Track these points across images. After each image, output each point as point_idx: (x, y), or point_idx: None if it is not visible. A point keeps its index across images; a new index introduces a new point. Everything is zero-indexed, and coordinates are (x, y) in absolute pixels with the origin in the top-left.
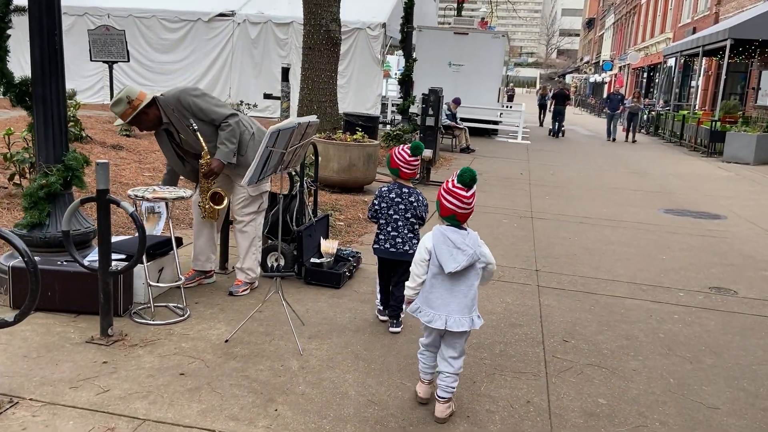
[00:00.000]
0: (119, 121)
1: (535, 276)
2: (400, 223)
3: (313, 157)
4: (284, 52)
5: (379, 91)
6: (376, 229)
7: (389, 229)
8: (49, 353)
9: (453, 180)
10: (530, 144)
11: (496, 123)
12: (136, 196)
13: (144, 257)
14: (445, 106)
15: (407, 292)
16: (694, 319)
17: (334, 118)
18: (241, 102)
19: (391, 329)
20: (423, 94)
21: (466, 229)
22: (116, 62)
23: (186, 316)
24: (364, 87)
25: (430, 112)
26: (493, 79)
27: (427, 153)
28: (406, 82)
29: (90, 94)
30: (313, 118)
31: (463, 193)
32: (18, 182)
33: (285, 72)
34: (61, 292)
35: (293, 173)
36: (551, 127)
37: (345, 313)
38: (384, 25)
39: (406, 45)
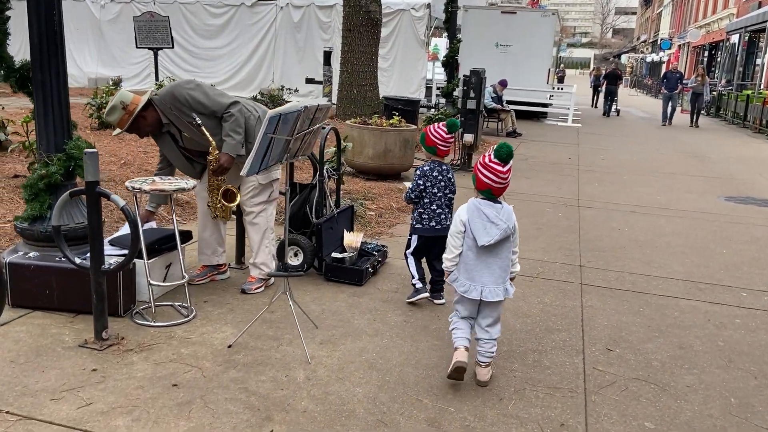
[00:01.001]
0: (118, 131)
1: (579, 272)
2: (442, 200)
3: (347, 144)
4: (327, 36)
5: (423, 74)
6: (418, 209)
7: (434, 207)
8: (38, 358)
9: (490, 155)
10: (581, 127)
11: (545, 105)
12: (133, 187)
13: (144, 253)
14: (490, 89)
15: (445, 264)
16: (759, 324)
17: (375, 102)
18: (282, 87)
19: (436, 301)
20: (464, 75)
21: (500, 203)
22: (161, 48)
23: (191, 316)
24: (408, 70)
25: (472, 94)
26: (543, 60)
27: (468, 137)
28: (450, 64)
29: (137, 81)
30: (323, 101)
31: (500, 168)
32: None
33: (327, 56)
34: (59, 290)
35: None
36: (604, 107)
37: (364, 315)
38: (428, 6)
39: (450, 25)
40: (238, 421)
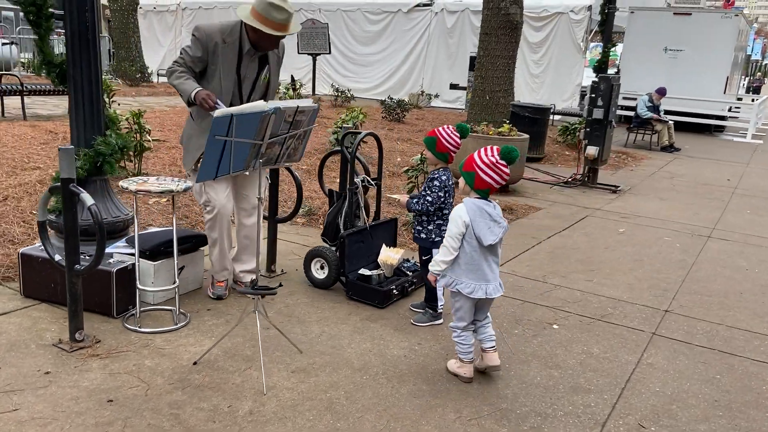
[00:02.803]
0: (255, 22)
1: (659, 319)
2: None
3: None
4: None
5: (578, 80)
6: (435, 221)
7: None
8: (7, 354)
9: (496, 156)
10: (762, 144)
11: (722, 118)
12: (121, 186)
13: (137, 256)
14: (645, 97)
15: (437, 268)
16: None
17: (507, 109)
18: (422, 92)
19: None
20: (593, 81)
21: (492, 202)
22: (319, 54)
23: (179, 325)
24: (562, 76)
25: (599, 102)
26: (720, 66)
27: (592, 150)
28: (601, 69)
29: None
30: (307, 102)
31: (506, 170)
32: None
33: (473, 61)
34: (62, 285)
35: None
36: None
37: (363, 343)
38: (590, 8)
39: (605, 28)
40: None
